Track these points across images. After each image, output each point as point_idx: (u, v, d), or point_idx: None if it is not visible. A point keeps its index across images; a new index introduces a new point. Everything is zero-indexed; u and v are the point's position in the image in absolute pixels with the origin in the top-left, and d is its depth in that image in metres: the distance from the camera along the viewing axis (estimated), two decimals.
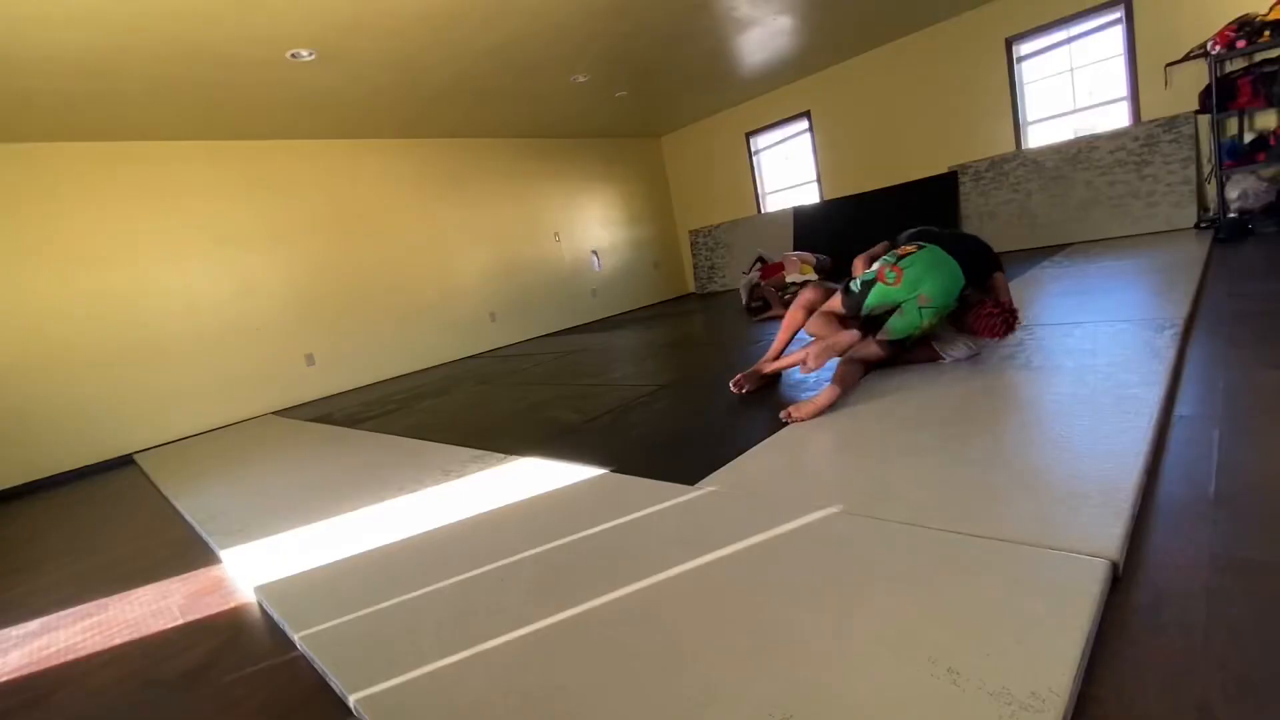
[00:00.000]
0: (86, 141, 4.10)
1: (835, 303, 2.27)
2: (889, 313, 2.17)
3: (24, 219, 3.88)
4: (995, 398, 1.88)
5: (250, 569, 1.76)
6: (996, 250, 2.41)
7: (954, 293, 2.13)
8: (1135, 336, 2.18)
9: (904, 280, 2.10)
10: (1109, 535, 1.08)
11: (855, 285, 2.23)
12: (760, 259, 5.20)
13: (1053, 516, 1.17)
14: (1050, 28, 4.93)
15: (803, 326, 2.36)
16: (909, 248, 2.21)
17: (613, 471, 1.92)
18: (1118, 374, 1.85)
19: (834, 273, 5.24)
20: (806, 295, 2.39)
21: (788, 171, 7.16)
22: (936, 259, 2.14)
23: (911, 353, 2.34)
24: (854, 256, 2.54)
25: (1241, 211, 4.07)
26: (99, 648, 1.54)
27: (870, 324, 2.23)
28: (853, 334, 2.16)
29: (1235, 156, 4.10)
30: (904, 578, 1.08)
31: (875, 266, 2.24)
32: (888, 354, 2.24)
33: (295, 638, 1.34)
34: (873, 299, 2.16)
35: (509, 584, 1.36)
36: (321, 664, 1.21)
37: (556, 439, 2.44)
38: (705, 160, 7.68)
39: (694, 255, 8.03)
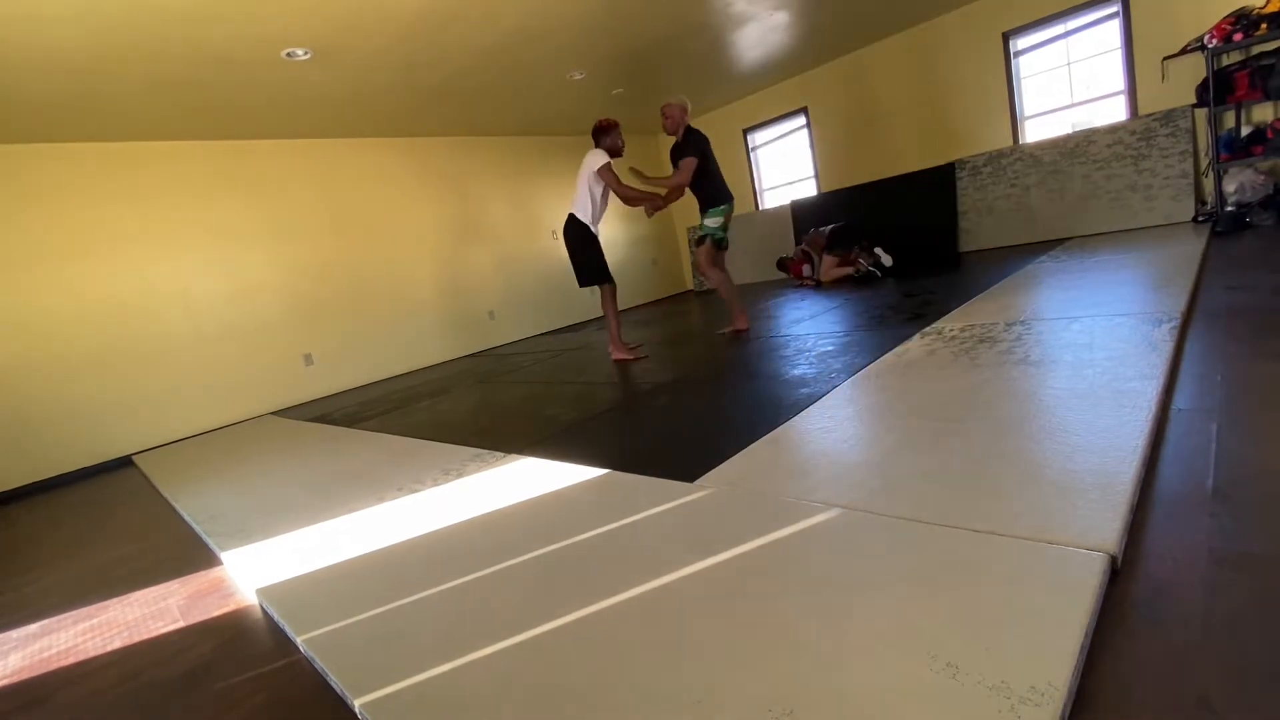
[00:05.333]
0: (82, 142, 4.09)
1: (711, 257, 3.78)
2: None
3: (20, 220, 3.87)
4: (993, 392, 1.88)
5: (251, 570, 1.76)
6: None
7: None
8: (1133, 330, 2.18)
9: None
10: (1107, 529, 1.08)
11: (719, 232, 3.72)
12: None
13: (1051, 511, 1.18)
14: (1047, 22, 4.92)
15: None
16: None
17: (612, 470, 1.92)
18: (1116, 368, 1.86)
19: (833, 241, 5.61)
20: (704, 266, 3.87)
21: (785, 168, 7.15)
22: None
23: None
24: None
25: (1239, 205, 4.07)
26: (99, 650, 1.54)
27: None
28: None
29: (1232, 150, 4.10)
30: (903, 573, 1.09)
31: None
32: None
33: (297, 640, 1.34)
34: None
35: (511, 585, 1.36)
36: (323, 666, 1.21)
37: (556, 437, 2.44)
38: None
39: (692, 253, 8.02)
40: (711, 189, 3.56)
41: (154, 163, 4.38)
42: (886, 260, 5.29)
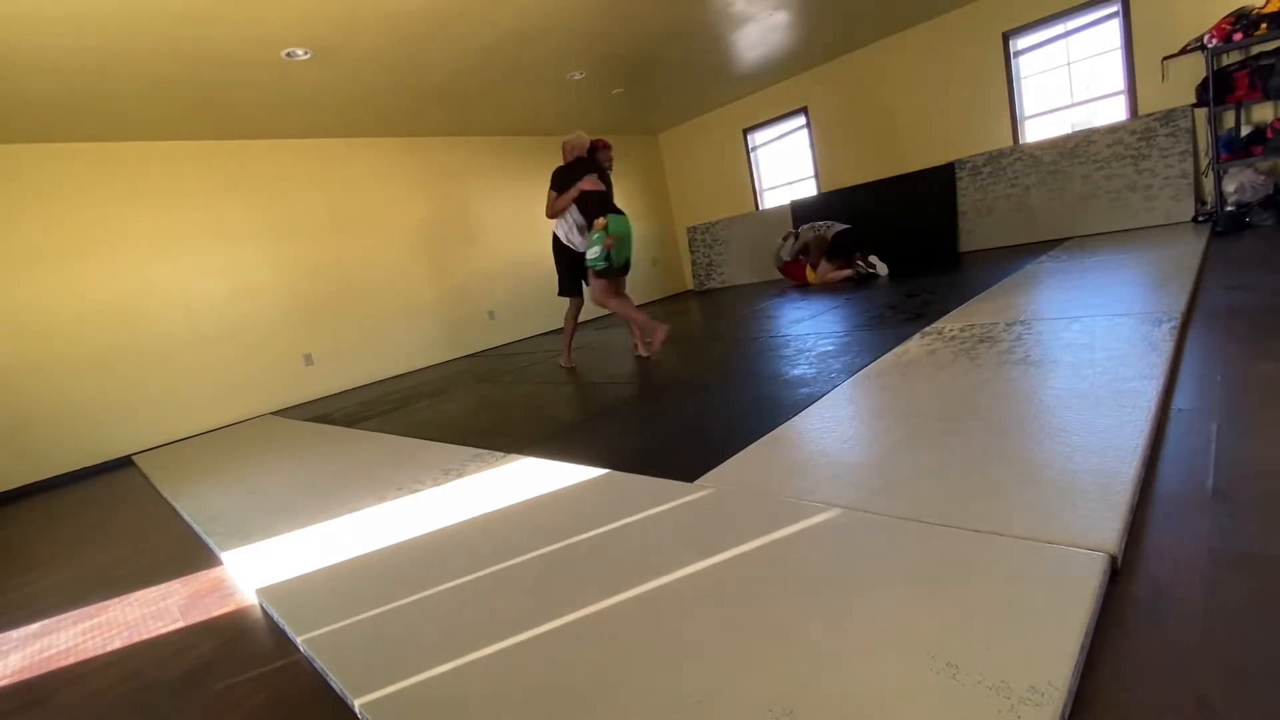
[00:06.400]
0: (82, 142, 4.09)
1: (600, 289, 3.58)
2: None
3: (20, 220, 3.87)
4: (993, 392, 1.88)
5: (251, 570, 1.76)
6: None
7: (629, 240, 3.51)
8: (1133, 330, 2.18)
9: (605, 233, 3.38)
10: (1107, 529, 1.08)
11: (598, 263, 3.42)
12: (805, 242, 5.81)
13: (1051, 510, 1.18)
14: (1047, 21, 4.92)
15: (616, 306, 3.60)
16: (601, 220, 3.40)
17: (613, 470, 1.92)
18: (1116, 368, 1.86)
19: (835, 249, 5.50)
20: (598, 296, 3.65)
21: (785, 168, 7.16)
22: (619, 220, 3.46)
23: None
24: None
25: (1239, 205, 4.07)
26: (99, 650, 1.54)
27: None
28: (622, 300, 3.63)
29: (1232, 150, 4.10)
30: (903, 573, 1.09)
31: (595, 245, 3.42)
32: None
33: (298, 640, 1.34)
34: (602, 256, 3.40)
35: (511, 585, 1.36)
36: (323, 666, 1.21)
37: (556, 437, 2.44)
38: (703, 157, 7.67)
39: (692, 252, 8.02)
40: (587, 216, 3.51)
41: (154, 163, 4.38)
42: (882, 270, 5.31)
